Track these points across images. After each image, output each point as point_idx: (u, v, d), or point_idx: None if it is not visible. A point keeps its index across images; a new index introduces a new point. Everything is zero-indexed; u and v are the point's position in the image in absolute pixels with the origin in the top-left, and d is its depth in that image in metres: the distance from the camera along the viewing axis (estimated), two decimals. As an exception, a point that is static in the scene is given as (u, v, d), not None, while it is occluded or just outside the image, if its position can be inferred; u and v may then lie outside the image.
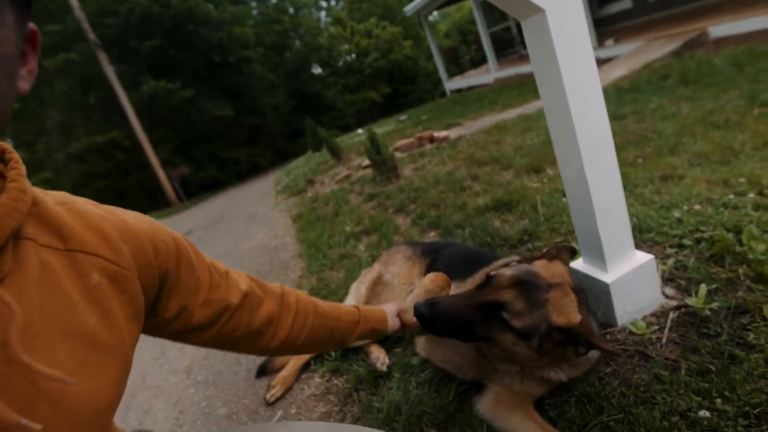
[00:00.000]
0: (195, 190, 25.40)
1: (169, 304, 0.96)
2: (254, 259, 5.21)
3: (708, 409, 1.41)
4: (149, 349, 3.69)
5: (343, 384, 2.24)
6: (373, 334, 1.55)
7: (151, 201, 24.26)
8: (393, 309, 1.66)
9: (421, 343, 2.07)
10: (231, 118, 27.09)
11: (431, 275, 1.77)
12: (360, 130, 16.06)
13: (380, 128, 14.20)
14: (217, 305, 1.04)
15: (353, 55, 36.65)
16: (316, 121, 13.14)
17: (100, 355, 0.74)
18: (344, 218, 5.12)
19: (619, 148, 4.22)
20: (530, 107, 8.48)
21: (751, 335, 1.63)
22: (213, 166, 27.31)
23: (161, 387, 2.99)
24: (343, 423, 1.81)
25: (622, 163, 3.71)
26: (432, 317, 1.42)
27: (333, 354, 2.39)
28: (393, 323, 1.62)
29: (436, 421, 1.78)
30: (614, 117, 5.52)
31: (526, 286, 1.40)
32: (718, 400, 1.42)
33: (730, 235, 2.16)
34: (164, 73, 24.78)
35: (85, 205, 0.84)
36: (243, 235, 6.92)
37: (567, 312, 1.38)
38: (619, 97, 6.52)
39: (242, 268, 5.07)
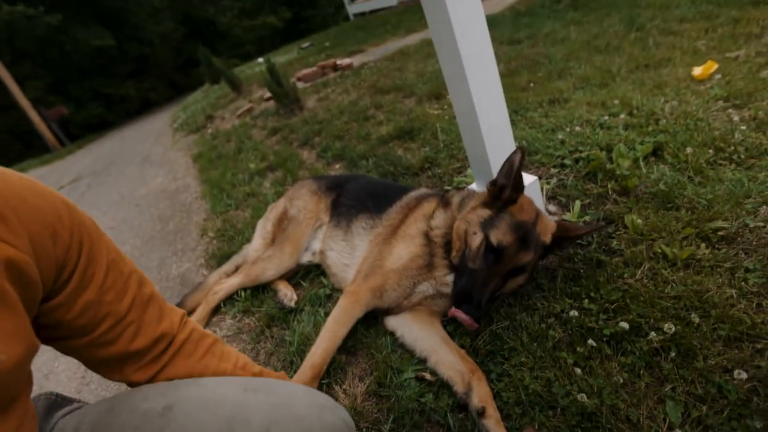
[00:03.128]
0: (78, 131, 22.87)
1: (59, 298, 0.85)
2: (153, 205, 4.93)
3: (577, 309, 1.62)
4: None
5: (255, 323, 2.26)
6: None
7: (26, 146, 21.63)
8: None
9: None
10: (113, 49, 24.11)
11: None
12: (260, 59, 15.15)
13: (282, 56, 13.50)
14: (99, 309, 0.91)
15: (247, -25, 33.70)
16: (211, 50, 12.14)
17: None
18: (248, 155, 4.94)
19: (513, 73, 4.39)
20: (431, 34, 8.43)
21: (614, 242, 1.87)
22: (97, 103, 24.59)
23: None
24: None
25: (516, 88, 3.89)
26: (480, 311, 1.56)
27: (242, 294, 2.39)
28: None
29: (345, 347, 1.87)
30: (510, 42, 5.68)
31: (527, 238, 1.62)
32: (585, 301, 1.64)
33: (603, 154, 2.39)
34: (21, -4, 21.17)
35: None
36: (139, 179, 6.47)
37: (549, 230, 1.71)
38: (516, 22, 6.68)
39: (140, 215, 4.79)
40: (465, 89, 1.86)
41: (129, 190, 6.05)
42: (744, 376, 1.23)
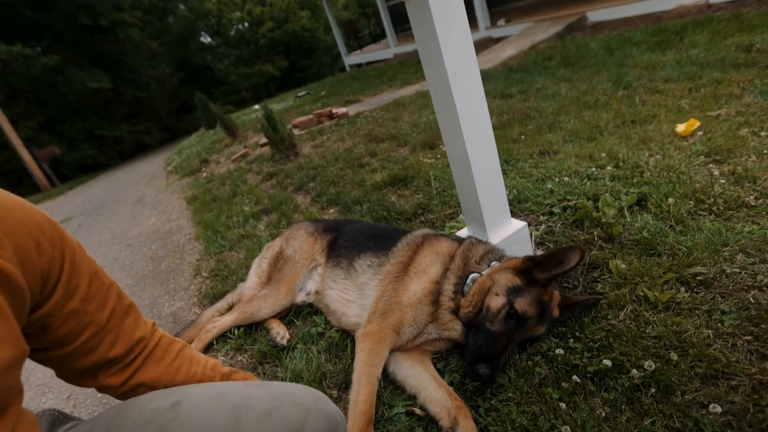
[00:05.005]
0: (70, 172, 23.10)
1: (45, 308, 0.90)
2: (146, 245, 5.01)
3: (563, 347, 1.72)
4: (28, 347, 3.42)
5: (248, 360, 2.32)
6: None
7: (15, 185, 21.71)
8: None
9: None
10: (109, 92, 24.71)
11: None
12: (257, 106, 15.62)
13: (278, 104, 13.94)
14: (82, 319, 0.98)
15: (246, 24, 35.23)
16: (207, 96, 12.57)
17: None
18: (242, 198, 5.09)
19: (506, 126, 4.64)
20: (427, 84, 8.80)
21: (599, 286, 1.99)
22: (90, 145, 24.87)
23: (48, 384, 2.85)
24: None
25: (507, 140, 4.10)
26: (496, 373, 1.67)
27: (235, 332, 2.45)
28: None
29: (337, 382, 1.95)
30: (503, 96, 6.00)
31: (545, 313, 1.76)
32: (571, 340, 1.74)
33: (590, 203, 2.56)
34: (20, 36, 21.59)
35: None
36: (131, 220, 6.57)
37: (556, 302, 1.83)
38: (508, 77, 7.04)
39: (132, 254, 4.86)
40: (459, 138, 2.03)
41: (121, 230, 6.13)
42: (719, 410, 1.32)
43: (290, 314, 2.50)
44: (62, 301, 0.93)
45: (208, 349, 2.48)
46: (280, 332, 2.34)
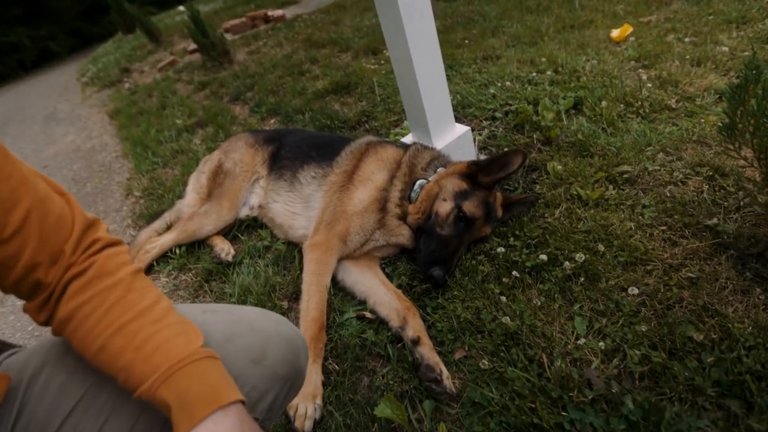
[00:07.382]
0: (-44, 86, 20.66)
1: None
2: (65, 166, 4.69)
3: (504, 246, 1.86)
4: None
5: (193, 278, 2.31)
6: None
7: None
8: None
9: None
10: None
11: None
12: (181, 7, 14.31)
13: (206, 5, 12.88)
14: None
15: None
16: (122, -6, 11.28)
17: None
18: (173, 111, 4.83)
19: (449, 30, 4.57)
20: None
21: (538, 186, 2.13)
22: (-20, 54, 22.13)
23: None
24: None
25: (451, 45, 4.07)
26: (449, 274, 1.76)
27: (177, 251, 2.39)
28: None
29: (286, 293, 2.02)
30: (446, -2, 5.84)
31: (491, 214, 1.88)
32: (511, 239, 1.88)
33: (530, 107, 2.65)
34: None
35: None
36: (44, 138, 6.09)
37: (499, 203, 1.95)
38: (452, -23, 6.82)
39: (51, 176, 4.56)
40: (402, 37, 1.99)
41: (33, 151, 5.69)
42: (636, 292, 1.51)
43: (234, 229, 2.49)
44: None
45: (148, 270, 2.42)
46: (224, 248, 2.32)
